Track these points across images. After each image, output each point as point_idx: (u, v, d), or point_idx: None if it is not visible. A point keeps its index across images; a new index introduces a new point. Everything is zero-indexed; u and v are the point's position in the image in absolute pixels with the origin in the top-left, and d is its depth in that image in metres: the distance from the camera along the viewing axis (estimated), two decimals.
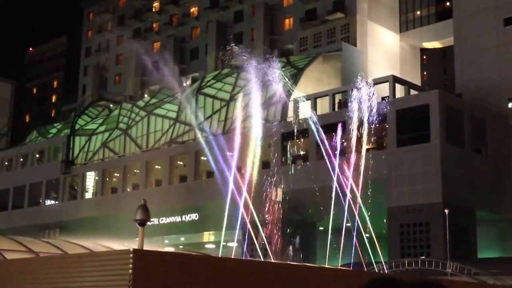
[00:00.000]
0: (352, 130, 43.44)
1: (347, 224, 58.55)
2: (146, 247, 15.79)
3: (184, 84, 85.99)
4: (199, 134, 59.15)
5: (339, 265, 43.47)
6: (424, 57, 78.85)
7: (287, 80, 51.78)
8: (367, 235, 61.28)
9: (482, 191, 51.11)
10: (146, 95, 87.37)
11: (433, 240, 47.24)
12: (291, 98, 58.72)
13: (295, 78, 60.56)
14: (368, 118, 44.04)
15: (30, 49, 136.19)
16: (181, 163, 66.28)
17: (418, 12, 74.48)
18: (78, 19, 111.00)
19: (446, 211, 42.82)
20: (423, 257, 44.38)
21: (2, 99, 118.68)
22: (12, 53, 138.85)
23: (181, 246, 62.98)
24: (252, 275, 14.76)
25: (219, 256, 30.26)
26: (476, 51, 58.97)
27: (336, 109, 56.59)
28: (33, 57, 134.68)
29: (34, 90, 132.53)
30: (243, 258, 40.10)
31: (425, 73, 79.18)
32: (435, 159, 48.45)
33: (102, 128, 76.05)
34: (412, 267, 40.61)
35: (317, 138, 47.03)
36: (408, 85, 56.68)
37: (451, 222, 43.16)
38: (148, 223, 18.02)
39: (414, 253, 47.30)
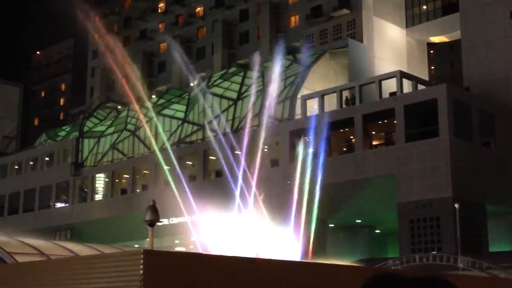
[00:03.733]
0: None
1: (358, 221, 58.71)
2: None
3: (192, 84, 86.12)
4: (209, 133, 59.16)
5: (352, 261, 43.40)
6: (431, 51, 78.58)
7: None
8: (378, 231, 61.35)
9: (491, 184, 50.93)
10: (153, 96, 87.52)
11: (444, 235, 47.10)
12: (299, 96, 58.68)
13: (302, 75, 60.50)
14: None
15: (37, 52, 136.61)
16: (190, 163, 66.33)
17: (424, 7, 74.21)
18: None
19: (456, 205, 42.67)
20: (434, 252, 44.26)
21: (11, 102, 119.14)
22: (19, 57, 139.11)
23: (191, 246, 63.00)
24: (265, 274, 14.74)
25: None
26: (483, 44, 58.76)
27: (344, 105, 56.51)
28: (41, 60, 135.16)
29: (42, 93, 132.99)
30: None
31: (432, 67, 78.94)
32: (444, 154, 48.29)
33: (110, 130, 76.23)
34: (423, 263, 40.51)
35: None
36: (415, 80, 56.52)
37: (461, 216, 43.04)
38: (158, 223, 18.07)
39: (425, 248, 47.16)
